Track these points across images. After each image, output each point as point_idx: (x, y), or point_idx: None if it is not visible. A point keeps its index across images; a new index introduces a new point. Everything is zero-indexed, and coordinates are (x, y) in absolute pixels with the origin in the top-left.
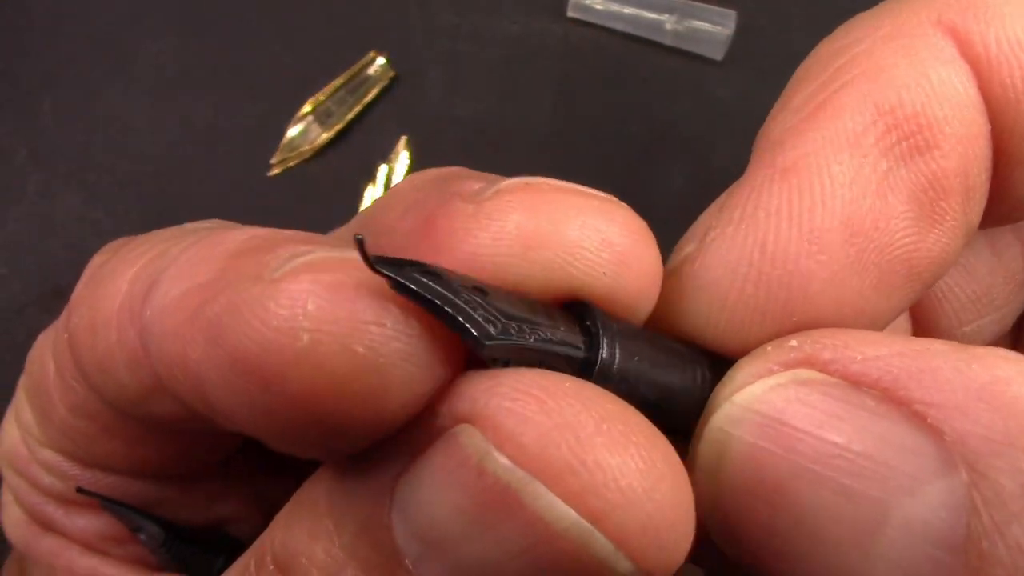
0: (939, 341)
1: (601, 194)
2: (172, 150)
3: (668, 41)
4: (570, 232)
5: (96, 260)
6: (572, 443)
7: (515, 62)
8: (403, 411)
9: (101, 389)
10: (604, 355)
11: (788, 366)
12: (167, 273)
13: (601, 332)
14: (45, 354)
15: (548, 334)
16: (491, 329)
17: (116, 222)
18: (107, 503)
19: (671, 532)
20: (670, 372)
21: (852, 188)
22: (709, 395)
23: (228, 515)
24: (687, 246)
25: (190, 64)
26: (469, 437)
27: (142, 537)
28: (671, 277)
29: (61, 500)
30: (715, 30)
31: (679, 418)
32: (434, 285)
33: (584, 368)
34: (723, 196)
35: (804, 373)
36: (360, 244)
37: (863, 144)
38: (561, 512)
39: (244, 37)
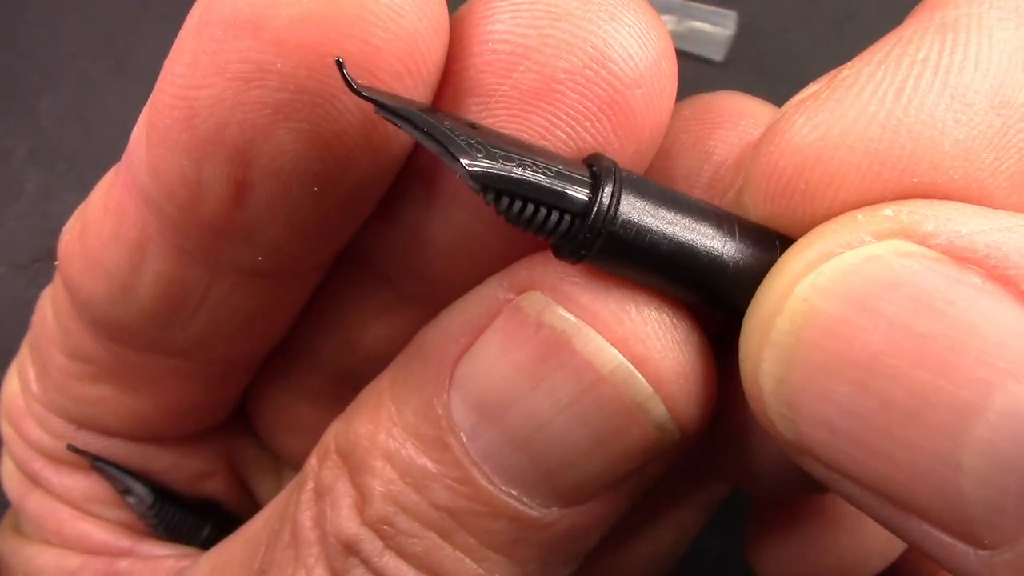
0: None
1: None
2: None
3: None
4: (600, 14)
5: (82, 205)
6: (619, 298)
7: None
8: (391, 53)
9: (90, 295)
10: (604, 197)
11: (883, 236)
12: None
13: (604, 176)
14: (45, 304)
15: (544, 169)
16: (478, 156)
17: None
18: (98, 462)
19: (700, 385)
20: (689, 225)
21: (1012, 58)
22: (746, 263)
23: (215, 492)
24: (811, 86)
25: None
26: (530, 299)
27: (130, 500)
28: (789, 114)
29: (51, 457)
30: (715, 31)
31: (703, 280)
32: (420, 112)
33: (584, 210)
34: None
35: (903, 245)
36: (340, 67)
37: None
38: (608, 355)
39: None
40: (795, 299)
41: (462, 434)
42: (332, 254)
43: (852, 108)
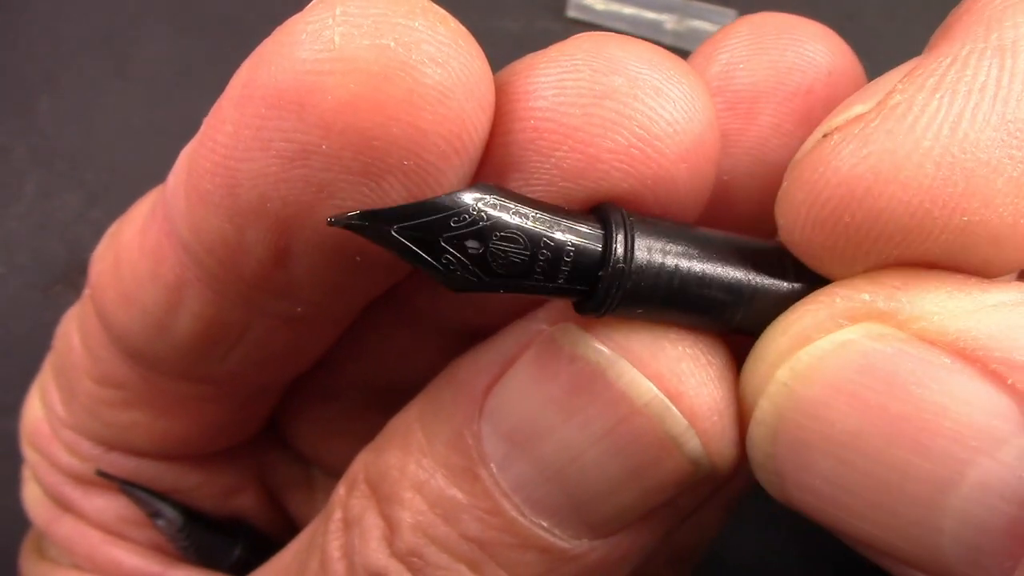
0: (1019, 291)
1: (667, 51)
2: (172, 150)
3: (668, 41)
4: (638, 65)
5: (111, 228)
6: (653, 334)
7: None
8: (437, 134)
9: (125, 329)
10: (617, 250)
11: (858, 319)
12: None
13: (615, 229)
14: (70, 329)
15: (538, 289)
16: (467, 284)
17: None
18: (126, 486)
19: (733, 422)
20: (706, 265)
21: None
22: (764, 294)
23: (245, 508)
24: (855, 105)
25: (190, 64)
26: (564, 331)
27: (160, 523)
28: (828, 147)
29: (79, 481)
30: (715, 30)
31: (725, 314)
32: (416, 249)
33: (599, 266)
34: (908, 64)
35: (876, 328)
36: (332, 224)
37: None
38: (644, 388)
39: (244, 37)
40: (776, 383)
41: (492, 465)
42: (370, 302)
43: (906, 141)
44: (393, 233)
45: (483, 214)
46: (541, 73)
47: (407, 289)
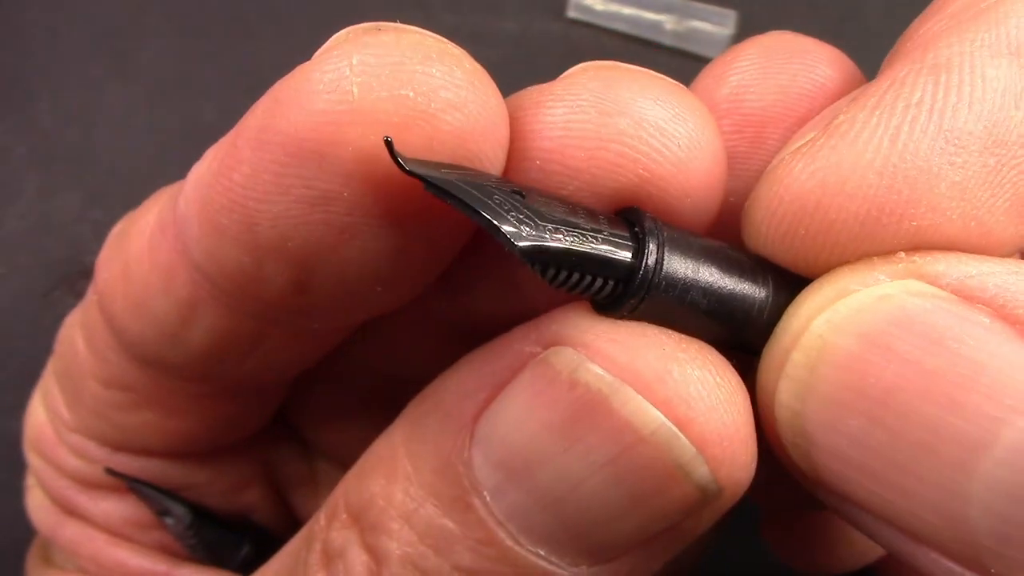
0: None
1: (672, 80)
2: (172, 150)
3: (668, 41)
4: (644, 104)
5: (115, 230)
6: (659, 356)
7: (515, 62)
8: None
9: (137, 337)
10: (649, 261)
11: (896, 277)
12: (193, 170)
13: (648, 237)
14: (74, 333)
15: (589, 237)
16: (524, 230)
17: (115, 222)
18: (135, 484)
19: (744, 445)
20: (728, 280)
21: (1005, 96)
22: (776, 308)
23: (252, 504)
24: (808, 133)
25: (190, 64)
26: (561, 355)
27: (168, 521)
28: (786, 161)
29: (86, 484)
30: (715, 30)
31: (737, 329)
32: (467, 187)
33: (628, 274)
34: (855, 91)
35: (915, 284)
36: (389, 146)
37: None
38: (650, 416)
39: (244, 37)
40: (810, 335)
41: (485, 493)
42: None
43: (848, 155)
44: (444, 173)
45: (514, 186)
46: (547, 113)
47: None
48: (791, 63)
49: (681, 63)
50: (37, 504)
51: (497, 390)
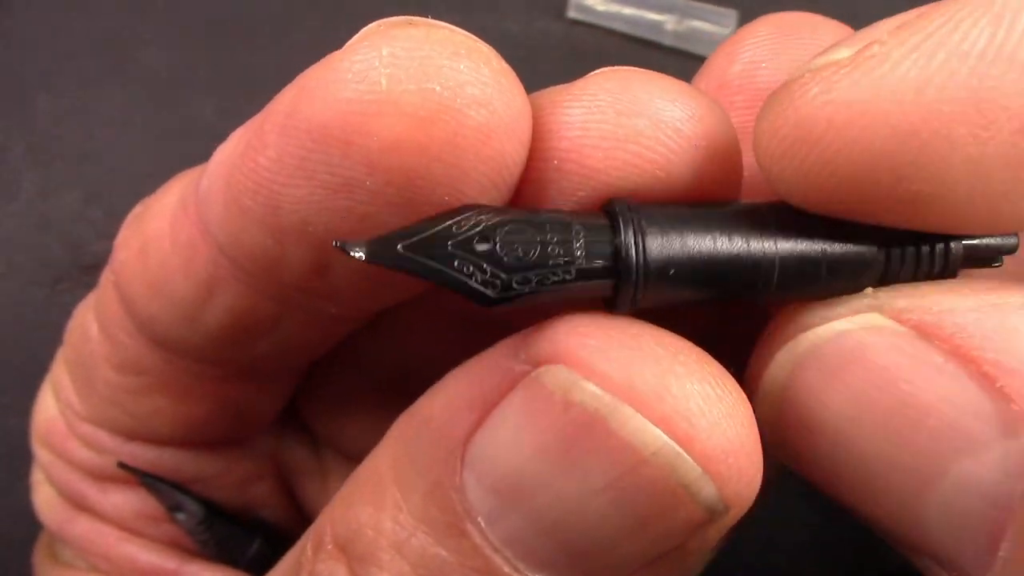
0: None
1: (687, 84)
2: (172, 149)
3: (668, 41)
4: (661, 105)
5: (133, 212)
6: (656, 371)
7: (515, 62)
8: (478, 173)
9: (153, 317)
10: (630, 262)
11: (858, 309)
12: (218, 151)
13: (623, 236)
14: (86, 319)
15: (559, 272)
16: (490, 292)
17: (115, 222)
18: (147, 479)
19: (749, 458)
20: (715, 242)
21: None
22: (772, 250)
23: (261, 498)
24: (841, 48)
25: (190, 64)
26: (553, 374)
27: (180, 516)
28: (806, 78)
29: (96, 477)
30: (715, 30)
31: (737, 284)
32: (426, 261)
33: (613, 274)
34: (905, 15)
35: (874, 319)
36: (342, 249)
37: None
38: (651, 435)
39: (244, 37)
40: (775, 365)
41: (480, 519)
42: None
43: (866, 96)
44: (401, 251)
45: (483, 215)
46: (565, 113)
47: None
48: (801, 39)
49: (681, 63)
50: (45, 500)
51: (488, 410)
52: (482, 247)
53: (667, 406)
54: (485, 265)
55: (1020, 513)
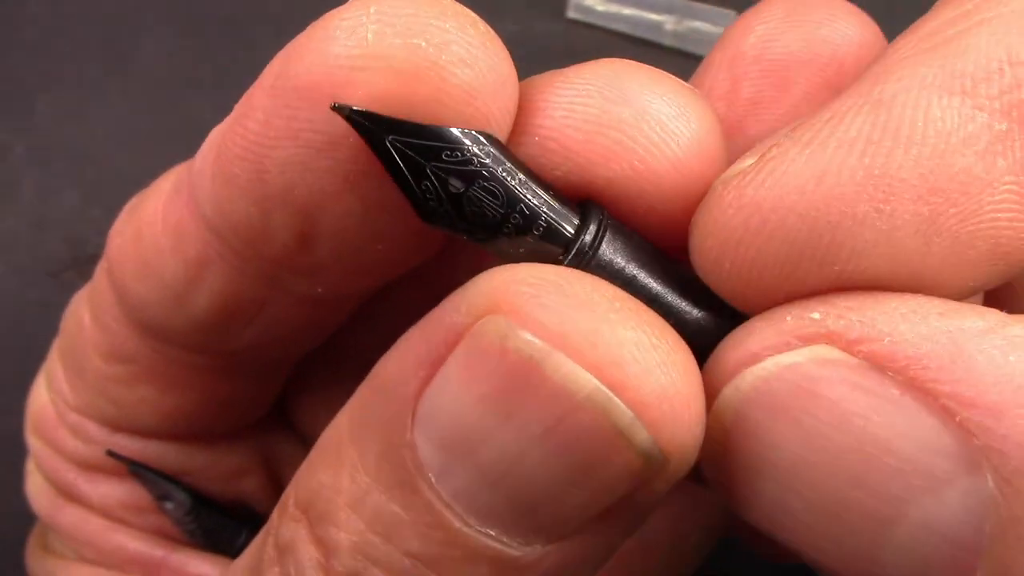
0: (980, 317)
1: (685, 83)
2: (171, 149)
3: (668, 42)
4: (649, 98)
5: (129, 203)
6: (589, 319)
7: (515, 62)
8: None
9: (142, 300)
10: (587, 239)
11: (807, 341)
12: (213, 131)
13: (591, 219)
14: (80, 308)
15: (508, 246)
16: (431, 220)
17: (115, 221)
18: (136, 468)
19: (685, 408)
20: (661, 283)
21: (949, 140)
22: (706, 324)
23: (250, 493)
24: (748, 158)
25: (190, 64)
26: (491, 324)
27: (168, 506)
28: (719, 190)
29: (84, 466)
30: (715, 30)
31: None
32: (399, 161)
33: (566, 247)
34: (796, 121)
35: (825, 351)
36: (334, 110)
37: (982, 93)
38: (583, 380)
39: (244, 37)
40: (722, 400)
41: (431, 475)
42: (389, 282)
43: (771, 194)
44: (386, 142)
45: (475, 159)
46: (555, 93)
47: (422, 272)
48: (814, 15)
49: (681, 63)
50: (36, 489)
51: (436, 367)
52: (454, 186)
53: (599, 352)
54: (446, 203)
55: (990, 553)
